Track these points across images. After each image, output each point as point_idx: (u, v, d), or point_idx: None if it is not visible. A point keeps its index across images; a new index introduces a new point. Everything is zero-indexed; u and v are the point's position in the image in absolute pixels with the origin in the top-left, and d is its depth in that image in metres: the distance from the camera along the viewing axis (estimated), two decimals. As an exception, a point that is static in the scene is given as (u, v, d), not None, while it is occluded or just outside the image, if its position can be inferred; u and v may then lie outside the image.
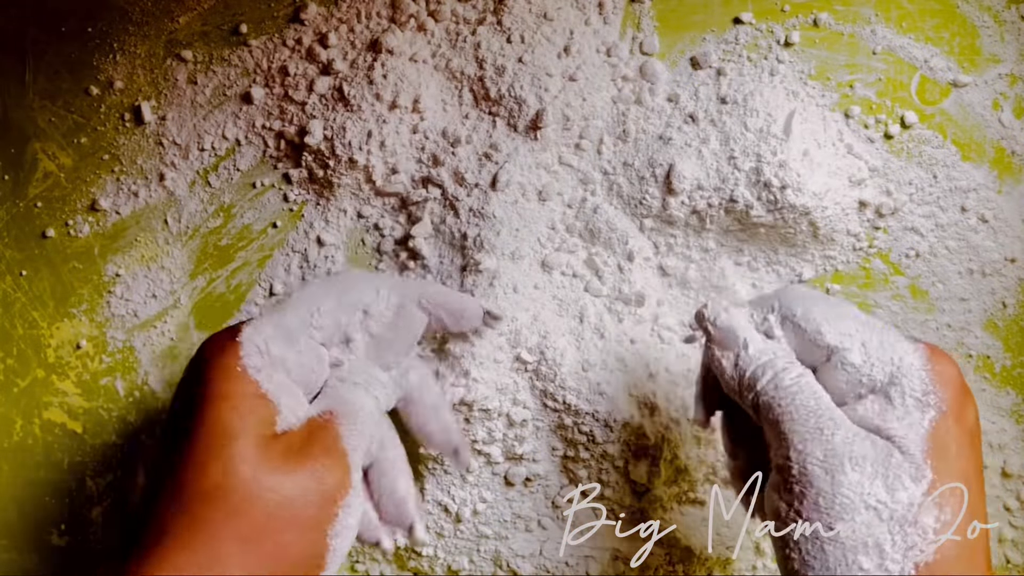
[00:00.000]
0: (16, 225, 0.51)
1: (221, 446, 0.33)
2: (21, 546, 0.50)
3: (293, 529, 0.33)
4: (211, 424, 0.33)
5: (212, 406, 0.34)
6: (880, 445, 0.33)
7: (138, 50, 0.51)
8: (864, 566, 0.31)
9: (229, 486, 0.32)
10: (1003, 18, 0.48)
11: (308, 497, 0.33)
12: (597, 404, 0.45)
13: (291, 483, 0.33)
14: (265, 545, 0.33)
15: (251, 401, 0.34)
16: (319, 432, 0.35)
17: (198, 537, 0.32)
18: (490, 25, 0.48)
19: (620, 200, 0.46)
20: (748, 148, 0.45)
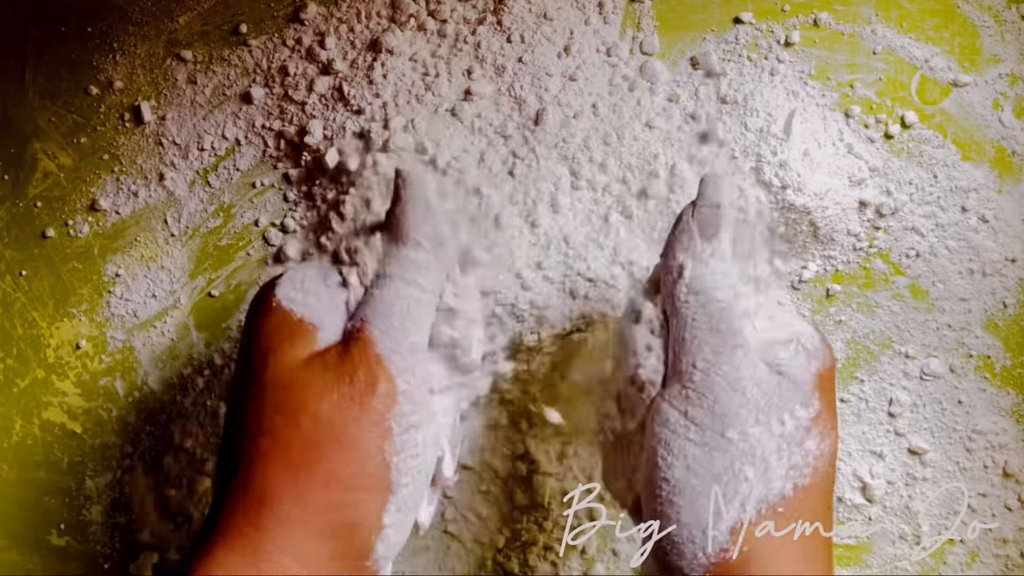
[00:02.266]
0: (16, 225, 0.51)
1: (258, 375, 0.33)
2: (21, 546, 0.50)
3: (341, 449, 0.32)
4: (251, 359, 0.33)
5: (253, 343, 0.34)
6: (776, 373, 0.34)
7: (138, 50, 0.51)
8: (748, 475, 0.32)
9: (267, 414, 0.32)
10: (1004, 18, 0.48)
11: (350, 413, 0.32)
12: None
13: (331, 402, 0.32)
14: (315, 470, 0.31)
15: (285, 328, 0.34)
16: (351, 343, 0.33)
17: (248, 471, 0.32)
18: (490, 25, 0.48)
19: (619, 200, 0.46)
20: (748, 148, 0.45)
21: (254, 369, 0.33)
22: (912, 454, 0.48)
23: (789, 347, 0.35)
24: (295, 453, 0.32)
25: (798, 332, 0.36)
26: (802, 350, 0.35)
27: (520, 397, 0.48)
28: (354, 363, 0.33)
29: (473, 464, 0.49)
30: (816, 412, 0.34)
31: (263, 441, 0.32)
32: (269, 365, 0.33)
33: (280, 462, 0.32)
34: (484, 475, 0.49)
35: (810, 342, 0.35)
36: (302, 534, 0.31)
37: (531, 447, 0.48)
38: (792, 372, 0.34)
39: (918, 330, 0.48)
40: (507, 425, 0.48)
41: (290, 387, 0.32)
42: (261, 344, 0.34)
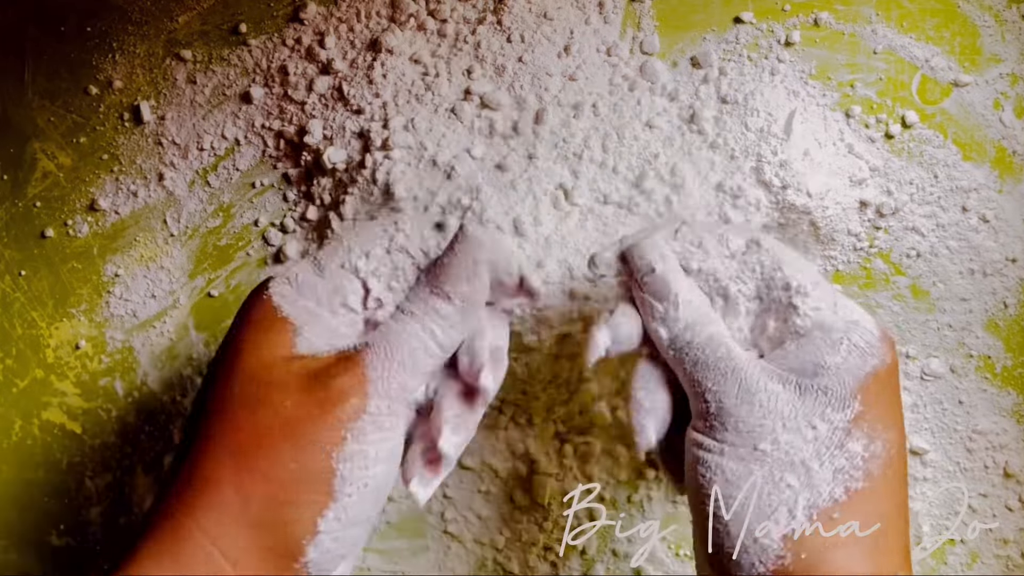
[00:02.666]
0: (15, 225, 0.51)
1: (231, 365, 0.33)
2: (20, 546, 0.50)
3: (287, 445, 0.31)
4: (226, 347, 0.34)
5: (232, 333, 0.34)
6: (795, 384, 0.33)
7: (137, 50, 0.51)
8: (791, 483, 0.32)
9: (228, 400, 0.32)
10: (1004, 17, 0.48)
11: (308, 412, 0.32)
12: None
13: (291, 398, 0.32)
14: (258, 460, 0.31)
15: (268, 324, 0.34)
16: (343, 360, 0.33)
17: (195, 451, 0.32)
18: (490, 24, 0.48)
19: (619, 199, 0.46)
20: (749, 148, 0.45)
21: (227, 357, 0.33)
22: (913, 454, 0.48)
23: (840, 349, 0.34)
24: (244, 440, 0.32)
25: (851, 324, 0.35)
26: (854, 350, 0.34)
27: (520, 397, 0.48)
28: (335, 372, 0.33)
29: (473, 464, 0.49)
30: (855, 413, 0.33)
31: (216, 426, 0.32)
32: (242, 355, 0.33)
33: (227, 448, 0.32)
34: (484, 475, 0.49)
35: (863, 338, 0.34)
36: (235, 524, 0.31)
37: (531, 447, 0.48)
38: (830, 371, 0.33)
39: (919, 330, 0.48)
40: (507, 425, 0.48)
41: (258, 379, 0.32)
42: (239, 334, 0.34)
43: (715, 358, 0.34)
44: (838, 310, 0.35)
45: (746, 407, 0.33)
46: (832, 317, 0.35)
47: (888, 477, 0.33)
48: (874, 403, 0.33)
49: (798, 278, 0.35)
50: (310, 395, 0.32)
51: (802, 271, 0.36)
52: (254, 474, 0.31)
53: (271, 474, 0.31)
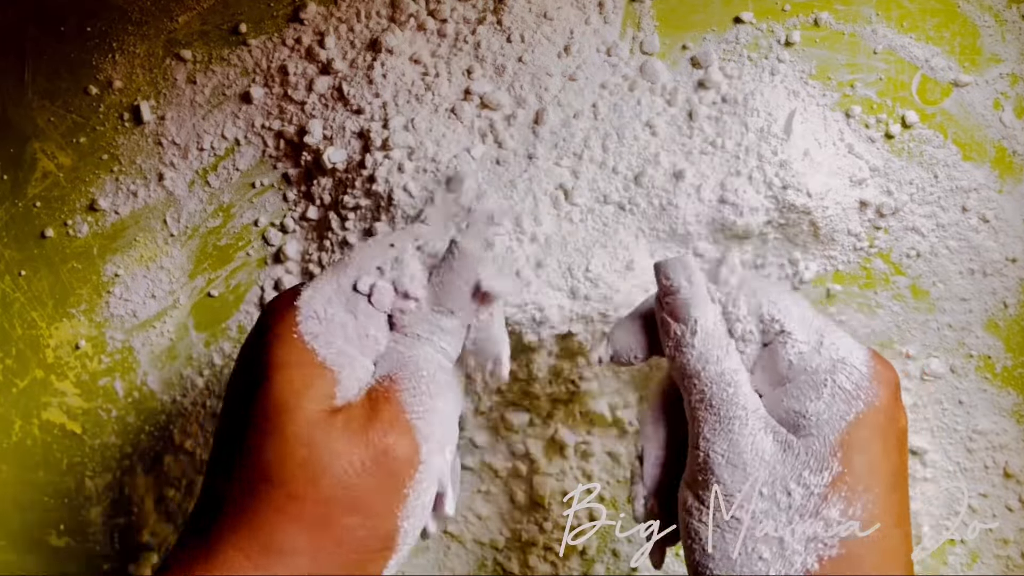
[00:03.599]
0: (15, 225, 0.51)
1: (278, 424, 0.31)
2: (20, 547, 0.50)
3: (358, 513, 0.32)
4: (267, 398, 0.32)
5: (268, 379, 0.32)
6: (783, 439, 0.33)
7: (137, 50, 0.51)
8: (764, 555, 0.32)
9: (287, 468, 0.31)
10: (1004, 17, 0.48)
11: (372, 479, 0.32)
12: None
13: (354, 466, 0.31)
14: (330, 530, 0.31)
15: (307, 371, 0.32)
16: (381, 403, 0.32)
17: (262, 520, 0.31)
18: (490, 24, 0.48)
19: (619, 199, 0.46)
20: (749, 148, 0.45)
21: (270, 415, 0.32)
22: (913, 454, 0.48)
23: (823, 393, 0.33)
24: (312, 511, 0.31)
25: (837, 363, 0.34)
26: (838, 394, 0.33)
27: (520, 397, 0.48)
28: (383, 427, 0.32)
29: (473, 464, 0.49)
30: (834, 475, 0.32)
31: (278, 494, 0.31)
32: (290, 416, 0.32)
33: (296, 518, 0.31)
34: (484, 475, 0.49)
35: (850, 378, 0.33)
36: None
37: (531, 447, 0.48)
38: (812, 424, 0.33)
39: (919, 330, 0.48)
40: (507, 425, 0.48)
41: (311, 443, 0.31)
42: (279, 388, 0.32)
43: (719, 399, 0.34)
44: (823, 348, 0.34)
45: (729, 469, 0.33)
46: (816, 357, 0.34)
47: (871, 539, 0.31)
48: (857, 457, 0.32)
49: (780, 317, 0.35)
50: (370, 460, 0.32)
51: (785, 309, 0.35)
52: (326, 544, 0.31)
53: (344, 543, 0.32)
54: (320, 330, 0.33)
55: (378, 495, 0.32)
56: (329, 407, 0.32)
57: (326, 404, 0.32)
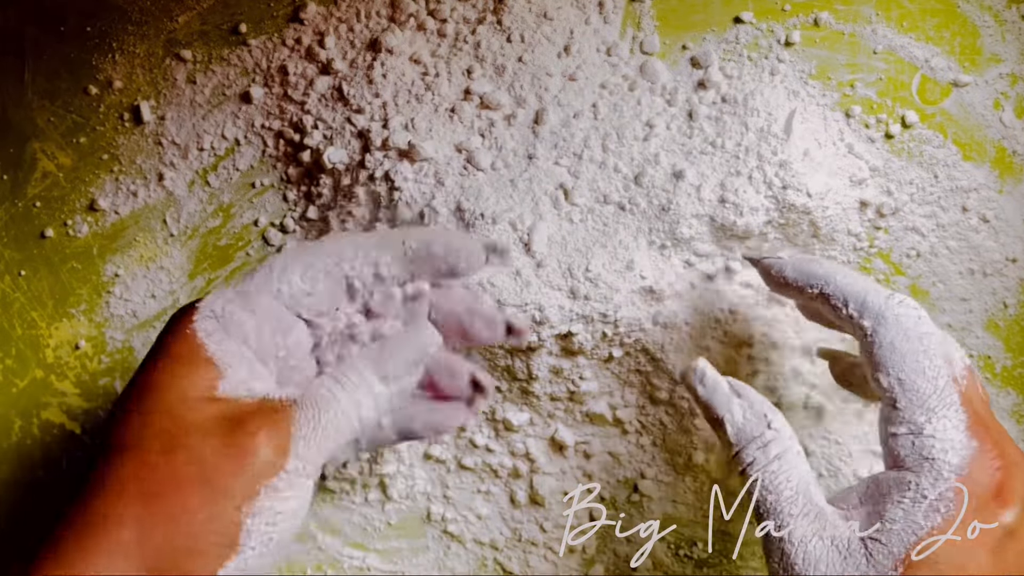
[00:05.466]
0: (15, 225, 0.51)
1: (146, 400, 0.31)
2: (20, 546, 0.50)
3: (199, 492, 0.30)
4: (144, 379, 0.32)
5: (152, 364, 0.33)
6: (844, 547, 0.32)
7: (137, 50, 0.51)
8: None
9: (144, 437, 0.31)
10: (1004, 18, 0.48)
11: (228, 464, 0.31)
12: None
13: (210, 445, 0.31)
14: (167, 504, 0.30)
15: (190, 361, 0.32)
16: (268, 410, 0.32)
17: (104, 492, 0.30)
18: (490, 24, 0.48)
19: (619, 199, 0.46)
20: (749, 148, 0.45)
21: (143, 390, 0.32)
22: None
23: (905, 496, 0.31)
24: (155, 480, 0.30)
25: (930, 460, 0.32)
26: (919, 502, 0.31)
27: (520, 397, 0.48)
28: (258, 426, 0.31)
29: (473, 464, 0.49)
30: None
31: (127, 464, 0.30)
32: (160, 391, 0.32)
33: (136, 487, 0.30)
34: (484, 475, 0.49)
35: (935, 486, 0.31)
36: (131, 568, 0.30)
37: (531, 447, 0.48)
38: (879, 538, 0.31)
39: (919, 330, 0.48)
40: (507, 424, 0.48)
41: (176, 418, 0.31)
42: (157, 368, 0.32)
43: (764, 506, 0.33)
44: (921, 438, 0.32)
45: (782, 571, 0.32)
46: (910, 448, 0.33)
47: None
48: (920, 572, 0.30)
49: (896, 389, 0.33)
50: (230, 444, 0.31)
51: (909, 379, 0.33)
52: (160, 517, 0.30)
53: (178, 520, 0.30)
54: (215, 328, 0.33)
55: (229, 480, 0.30)
56: (208, 395, 0.32)
57: (204, 392, 0.32)
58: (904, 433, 0.33)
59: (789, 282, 0.38)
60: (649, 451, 0.48)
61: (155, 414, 0.31)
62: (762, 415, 0.35)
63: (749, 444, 0.35)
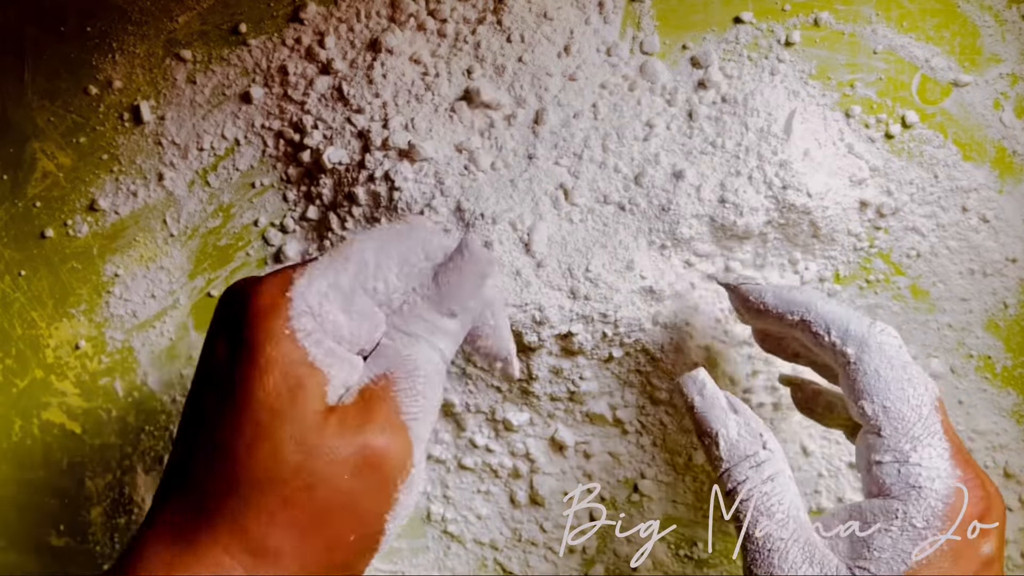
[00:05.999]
0: (15, 225, 0.51)
1: (271, 427, 0.30)
2: (20, 547, 0.50)
3: (351, 518, 0.31)
4: (259, 399, 0.30)
5: (259, 376, 0.30)
6: (832, 572, 0.32)
7: (137, 50, 0.51)
8: None
9: (281, 473, 0.30)
10: (1004, 17, 0.48)
11: (365, 483, 0.31)
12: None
13: (349, 470, 0.31)
14: (323, 535, 0.31)
15: (299, 371, 0.31)
16: (375, 403, 0.32)
17: (251, 523, 0.30)
18: (490, 24, 0.48)
19: (619, 199, 0.46)
20: (749, 148, 0.45)
21: (261, 418, 0.30)
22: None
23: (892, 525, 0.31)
24: (304, 517, 0.31)
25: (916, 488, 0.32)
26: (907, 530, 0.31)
27: (520, 397, 0.48)
28: (378, 428, 0.31)
29: (473, 464, 0.49)
30: None
31: (271, 500, 0.30)
32: (282, 419, 0.30)
33: (288, 523, 0.30)
34: (484, 475, 0.49)
35: (922, 514, 0.32)
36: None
37: (531, 447, 0.48)
38: (867, 568, 0.31)
39: (919, 330, 0.48)
40: (507, 425, 0.48)
41: (305, 448, 0.30)
42: (271, 389, 0.31)
43: (754, 526, 0.33)
44: (907, 466, 0.33)
45: None
46: (896, 477, 0.33)
47: None
48: None
49: (878, 416, 0.34)
50: (363, 466, 0.31)
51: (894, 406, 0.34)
52: (316, 547, 0.31)
53: (334, 548, 0.31)
54: (313, 327, 0.32)
55: (370, 499, 0.31)
56: (322, 408, 0.31)
57: (319, 405, 0.31)
58: (889, 461, 0.33)
59: (768, 308, 0.38)
60: (649, 451, 0.48)
61: (284, 443, 0.30)
62: (757, 434, 0.35)
63: (742, 462, 0.34)
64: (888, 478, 0.33)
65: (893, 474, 0.33)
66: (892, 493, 0.32)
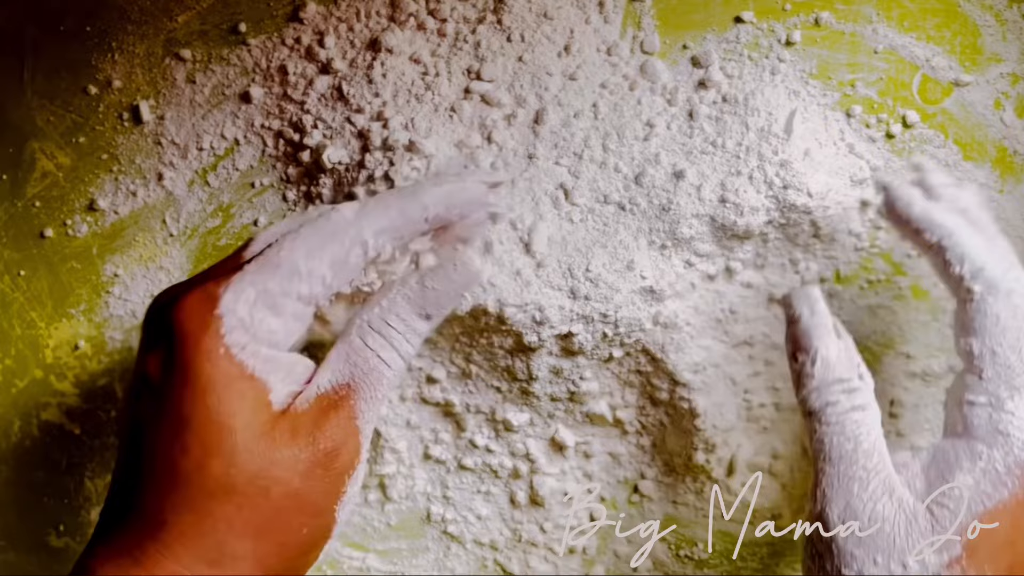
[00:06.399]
0: (14, 225, 0.51)
1: (220, 442, 0.31)
2: (19, 547, 0.50)
3: (304, 514, 0.32)
4: (202, 418, 0.31)
5: (200, 397, 0.31)
6: (910, 509, 0.32)
7: (136, 49, 0.51)
8: None
9: (235, 482, 0.31)
10: (1005, 17, 0.48)
11: (318, 482, 0.32)
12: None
13: (300, 473, 0.32)
14: (277, 533, 0.32)
15: (239, 385, 0.31)
16: (332, 412, 0.33)
17: (207, 533, 0.31)
18: (490, 24, 0.48)
19: (620, 199, 0.46)
20: (749, 147, 0.45)
21: (210, 436, 0.31)
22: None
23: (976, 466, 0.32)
24: (261, 519, 0.32)
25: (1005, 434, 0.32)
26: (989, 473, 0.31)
27: (520, 397, 0.48)
28: (331, 432, 0.33)
29: (473, 464, 0.49)
30: (952, 558, 0.31)
31: (226, 509, 0.31)
32: (230, 434, 0.31)
33: (243, 529, 0.31)
34: (484, 475, 0.49)
35: (1005, 459, 0.32)
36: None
37: (531, 447, 0.48)
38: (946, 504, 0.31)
39: (920, 331, 0.48)
40: (507, 425, 0.48)
41: (259, 456, 0.31)
42: (214, 408, 0.31)
43: (837, 453, 0.33)
44: (999, 412, 0.33)
45: (843, 530, 0.32)
46: (986, 421, 0.33)
47: None
48: (983, 546, 0.31)
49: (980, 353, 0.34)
50: (315, 466, 0.32)
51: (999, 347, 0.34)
52: (272, 546, 0.32)
53: (288, 544, 0.32)
54: (247, 340, 0.32)
55: (321, 496, 0.33)
56: (268, 417, 0.32)
57: (264, 415, 0.32)
58: (983, 403, 0.33)
59: (911, 220, 0.37)
60: (649, 451, 0.48)
61: (235, 455, 0.31)
62: (856, 363, 0.35)
63: (834, 384, 0.34)
64: (977, 419, 0.33)
65: (984, 417, 0.33)
66: (977, 436, 0.33)
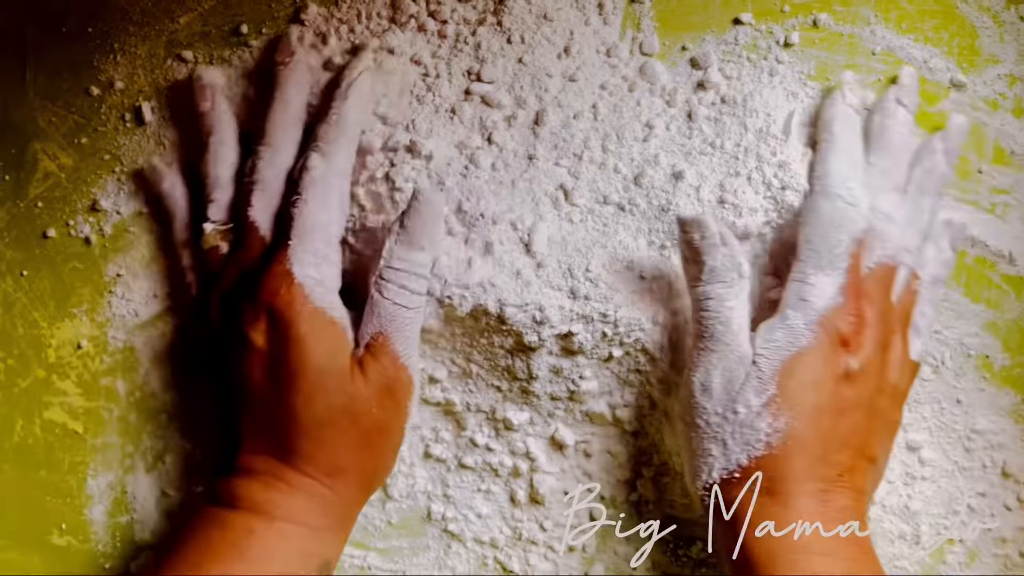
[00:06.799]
0: (16, 225, 0.51)
1: (320, 383, 0.42)
2: (22, 546, 0.50)
3: (383, 434, 0.44)
4: (306, 364, 0.42)
5: (301, 350, 0.42)
6: (747, 370, 0.41)
7: (139, 50, 0.51)
8: (713, 452, 0.42)
9: (334, 414, 0.42)
10: (1002, 19, 0.48)
11: (387, 408, 0.43)
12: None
13: (375, 404, 0.43)
14: (368, 448, 0.44)
15: (328, 333, 0.43)
16: (381, 356, 0.43)
17: (323, 452, 0.43)
18: (490, 25, 0.48)
19: (619, 200, 0.46)
20: (748, 148, 0.45)
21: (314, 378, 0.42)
22: (910, 449, 0.48)
23: (783, 325, 0.42)
24: (356, 439, 0.43)
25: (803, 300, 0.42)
26: (790, 329, 0.42)
27: (520, 396, 0.48)
28: (385, 370, 0.43)
29: (473, 464, 0.49)
30: (769, 397, 0.41)
31: (331, 433, 0.43)
32: (327, 376, 0.42)
33: (346, 446, 0.43)
34: (484, 474, 0.49)
35: (802, 319, 0.42)
36: (357, 490, 0.44)
37: (531, 446, 0.49)
38: (764, 355, 0.41)
39: (917, 330, 0.48)
40: (507, 424, 0.48)
41: (347, 393, 0.43)
42: (315, 354, 0.42)
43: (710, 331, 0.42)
44: (804, 286, 0.42)
45: (699, 393, 0.42)
46: (794, 291, 0.42)
47: (788, 445, 0.41)
48: (789, 383, 0.41)
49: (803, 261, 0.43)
50: (383, 398, 0.43)
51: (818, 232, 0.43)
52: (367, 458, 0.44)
53: (376, 454, 0.44)
54: (322, 291, 0.43)
55: (393, 417, 0.44)
56: (347, 359, 0.43)
57: (344, 358, 0.43)
58: (796, 279, 0.43)
59: None
60: (649, 451, 0.48)
61: (332, 393, 0.42)
62: (738, 264, 0.42)
63: (717, 284, 0.42)
64: (790, 291, 0.43)
65: (794, 289, 0.42)
66: (789, 303, 0.42)
